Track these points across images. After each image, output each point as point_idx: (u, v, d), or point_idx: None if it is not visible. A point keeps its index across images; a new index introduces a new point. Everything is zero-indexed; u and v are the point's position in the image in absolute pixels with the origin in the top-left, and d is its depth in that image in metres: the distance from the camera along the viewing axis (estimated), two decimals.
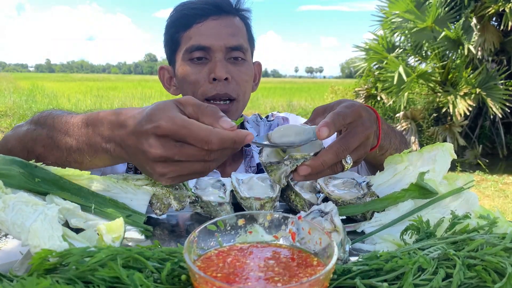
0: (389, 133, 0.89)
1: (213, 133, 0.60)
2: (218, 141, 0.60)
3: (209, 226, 0.50)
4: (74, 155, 0.76)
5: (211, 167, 0.65)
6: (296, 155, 0.68)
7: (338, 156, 0.68)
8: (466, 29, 6.87)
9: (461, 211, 0.69)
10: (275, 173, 0.70)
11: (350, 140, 0.69)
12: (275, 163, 0.69)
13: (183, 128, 0.60)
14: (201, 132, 0.60)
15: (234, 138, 0.61)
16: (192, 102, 0.65)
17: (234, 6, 1.19)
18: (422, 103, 7.89)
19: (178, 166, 0.63)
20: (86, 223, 0.68)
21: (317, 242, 0.50)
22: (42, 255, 0.46)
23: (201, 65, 1.13)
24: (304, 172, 0.67)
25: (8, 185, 0.65)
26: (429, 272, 0.48)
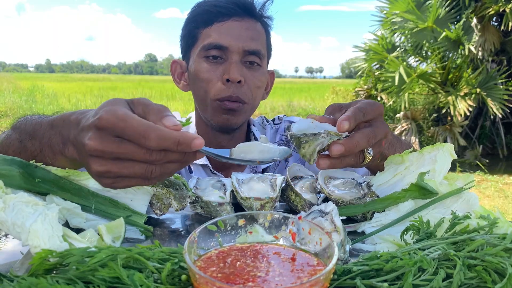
0: (394, 143, 0.88)
1: (152, 128, 0.54)
2: (157, 137, 0.54)
3: (210, 226, 0.50)
4: (38, 158, 0.74)
5: (153, 172, 0.57)
6: (331, 132, 0.66)
7: (369, 141, 0.69)
8: (467, 29, 6.87)
9: (462, 212, 0.69)
10: (310, 145, 0.66)
11: (376, 130, 0.71)
12: (311, 135, 0.66)
13: (122, 121, 0.54)
14: (139, 127, 0.54)
15: (178, 138, 0.55)
16: (143, 102, 0.61)
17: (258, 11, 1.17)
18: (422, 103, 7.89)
19: (115, 166, 0.57)
20: (86, 223, 0.68)
21: (317, 242, 0.50)
22: (43, 255, 0.46)
23: (216, 64, 1.11)
24: (337, 151, 0.65)
25: (8, 185, 0.65)
26: (430, 272, 0.48)
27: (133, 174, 0.57)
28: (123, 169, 0.57)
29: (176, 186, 0.78)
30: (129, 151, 0.56)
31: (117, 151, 0.56)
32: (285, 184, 0.86)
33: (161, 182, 0.78)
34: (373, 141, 0.70)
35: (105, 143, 0.56)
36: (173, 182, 0.79)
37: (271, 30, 1.24)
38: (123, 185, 0.60)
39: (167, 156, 0.57)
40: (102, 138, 0.56)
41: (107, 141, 0.56)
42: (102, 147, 0.56)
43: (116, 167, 0.57)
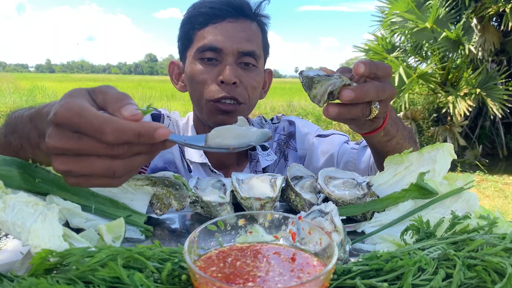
0: (397, 122, 0.90)
1: (107, 121, 0.50)
2: (113, 131, 0.49)
3: (210, 226, 0.50)
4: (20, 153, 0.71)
5: (116, 169, 0.53)
6: (344, 77, 0.68)
7: (378, 93, 0.70)
8: (466, 29, 6.87)
9: (461, 211, 0.69)
10: (321, 85, 0.67)
11: (385, 85, 0.72)
12: (324, 76, 0.67)
13: (77, 115, 0.50)
14: (94, 120, 0.50)
15: (138, 130, 0.50)
16: (104, 90, 0.56)
17: (253, 11, 1.17)
18: (422, 103, 7.89)
19: (77, 164, 0.52)
20: (86, 223, 0.68)
21: (317, 242, 0.50)
22: (43, 255, 0.46)
23: (210, 66, 1.11)
24: (347, 97, 0.67)
25: (8, 185, 0.65)
26: (429, 272, 0.48)
27: (94, 173, 0.53)
28: (84, 168, 0.52)
29: (176, 186, 0.78)
30: (89, 147, 0.51)
31: (76, 148, 0.51)
32: (285, 184, 0.86)
33: (161, 182, 0.78)
34: (382, 95, 0.72)
35: (63, 140, 0.51)
36: (173, 182, 0.79)
37: (269, 29, 1.24)
38: (89, 184, 0.56)
39: (132, 149, 0.52)
40: (61, 135, 0.52)
41: (65, 138, 0.51)
42: (60, 144, 0.51)
43: (77, 165, 0.52)
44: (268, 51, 1.26)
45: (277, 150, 1.32)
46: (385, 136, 0.88)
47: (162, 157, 1.21)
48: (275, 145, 1.32)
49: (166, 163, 1.20)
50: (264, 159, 1.26)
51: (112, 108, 0.53)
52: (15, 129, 0.72)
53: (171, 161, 1.21)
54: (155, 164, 1.20)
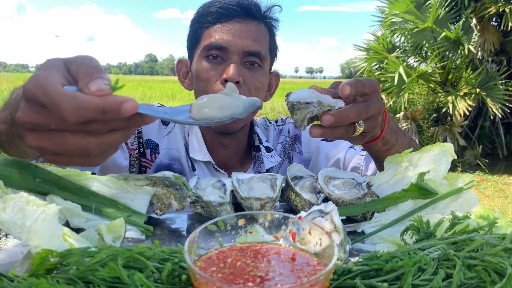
0: (397, 131, 0.91)
1: (68, 97, 0.46)
2: (74, 108, 0.46)
3: (210, 226, 0.50)
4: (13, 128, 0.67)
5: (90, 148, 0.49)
6: (323, 102, 0.71)
7: (359, 115, 0.73)
8: (466, 29, 6.87)
9: (461, 211, 0.69)
10: (301, 112, 0.71)
11: (370, 105, 0.75)
12: (304, 103, 0.71)
13: (41, 90, 0.47)
14: (55, 96, 0.46)
15: (102, 106, 0.46)
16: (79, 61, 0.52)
17: (262, 13, 1.17)
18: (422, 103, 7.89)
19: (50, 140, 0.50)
20: (86, 223, 0.68)
21: (317, 242, 0.50)
22: (43, 255, 0.46)
23: (215, 64, 1.12)
24: (327, 122, 0.70)
25: (8, 185, 0.65)
26: (429, 272, 0.48)
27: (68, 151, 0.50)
28: (56, 146, 0.50)
29: (176, 186, 0.78)
30: (58, 123, 0.48)
31: (45, 123, 0.49)
32: (285, 184, 0.86)
33: (161, 182, 0.78)
34: (364, 116, 0.74)
35: (32, 114, 0.49)
36: (174, 182, 0.79)
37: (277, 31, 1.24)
38: (66, 162, 0.53)
39: (105, 126, 0.49)
40: (30, 109, 0.49)
41: (33, 112, 0.49)
42: (29, 119, 0.49)
43: (49, 142, 0.50)
44: (275, 53, 1.26)
45: (282, 152, 1.31)
46: (384, 145, 0.89)
47: (168, 154, 1.21)
48: (280, 147, 1.32)
49: (171, 160, 1.21)
50: (268, 160, 1.26)
51: (81, 83, 0.50)
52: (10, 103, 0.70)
53: (176, 158, 1.21)
54: (160, 161, 1.20)
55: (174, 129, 1.23)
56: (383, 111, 0.81)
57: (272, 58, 1.24)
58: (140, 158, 1.21)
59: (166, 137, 1.22)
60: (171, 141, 1.22)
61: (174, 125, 1.24)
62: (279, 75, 1.33)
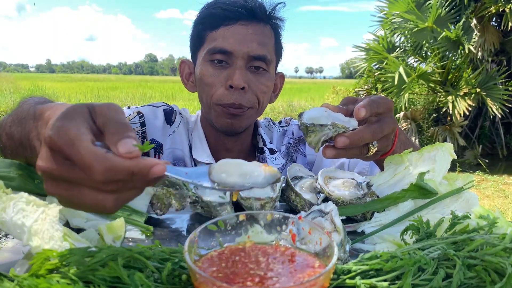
0: (406, 143, 0.91)
1: (99, 158, 0.45)
2: (104, 170, 0.45)
3: (210, 226, 0.51)
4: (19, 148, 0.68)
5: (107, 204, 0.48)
6: (338, 124, 0.71)
7: (374, 136, 0.73)
8: (466, 29, 6.87)
9: (461, 211, 0.69)
10: (315, 134, 0.71)
11: (383, 125, 0.74)
12: (318, 125, 0.71)
13: (70, 145, 0.46)
14: (85, 156, 0.46)
15: (132, 169, 0.46)
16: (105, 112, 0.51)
17: (268, 14, 1.14)
18: (422, 103, 7.89)
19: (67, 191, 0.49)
20: (86, 223, 0.68)
21: (317, 242, 0.50)
22: (43, 255, 0.46)
23: (220, 69, 1.10)
24: (342, 143, 0.69)
25: (8, 187, 0.65)
26: (429, 272, 0.48)
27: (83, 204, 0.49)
28: (74, 197, 0.49)
29: (177, 186, 0.78)
30: (79, 178, 0.47)
31: (67, 176, 0.48)
32: (285, 184, 0.86)
33: (161, 182, 0.78)
34: (379, 136, 0.74)
35: (55, 165, 0.48)
36: (174, 182, 0.79)
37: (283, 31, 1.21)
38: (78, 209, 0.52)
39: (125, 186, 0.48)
40: (52, 159, 0.48)
41: (56, 163, 0.48)
42: (51, 169, 0.48)
43: (67, 193, 0.49)
44: (281, 54, 1.24)
45: (285, 154, 1.31)
46: None
47: (172, 154, 1.21)
48: (284, 149, 1.31)
49: (175, 160, 1.20)
50: (272, 162, 1.25)
51: (109, 140, 0.49)
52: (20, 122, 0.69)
53: (180, 158, 1.21)
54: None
55: (178, 129, 1.23)
56: (396, 130, 0.80)
57: (277, 60, 1.22)
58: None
59: (170, 137, 1.21)
60: (175, 141, 1.21)
61: (178, 124, 1.23)
62: (284, 76, 1.32)
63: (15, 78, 32.53)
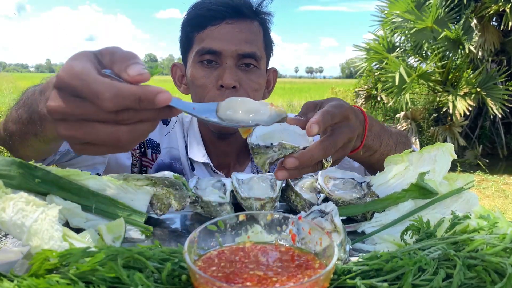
0: (381, 134, 0.88)
1: (107, 85, 0.47)
2: (112, 96, 0.46)
3: (210, 226, 0.50)
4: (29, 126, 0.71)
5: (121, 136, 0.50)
6: (285, 144, 0.65)
7: (326, 153, 0.67)
8: (466, 29, 6.86)
9: (461, 211, 0.69)
10: (261, 157, 0.66)
11: (338, 138, 0.70)
12: (263, 147, 0.66)
13: (77, 78, 0.48)
14: (93, 84, 0.47)
15: (139, 94, 0.47)
16: (111, 50, 0.53)
17: (254, 10, 1.14)
18: (422, 103, 7.88)
19: (80, 129, 0.50)
20: (86, 223, 0.68)
21: (317, 242, 0.50)
22: (43, 255, 0.46)
23: (210, 69, 1.10)
24: (291, 165, 0.64)
25: (8, 185, 0.65)
26: (430, 272, 0.48)
27: (98, 140, 0.50)
28: (87, 135, 0.50)
29: (176, 186, 0.78)
30: (90, 112, 0.48)
31: (77, 112, 0.49)
32: (285, 184, 0.86)
33: (161, 182, 0.78)
34: (332, 151, 0.68)
35: (64, 103, 0.49)
36: (173, 182, 0.79)
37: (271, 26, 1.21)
38: (96, 151, 0.53)
39: (136, 115, 0.50)
40: (61, 98, 0.49)
41: (66, 101, 0.49)
42: (61, 108, 0.49)
43: (80, 131, 0.50)
44: (271, 49, 1.23)
45: None
46: (366, 152, 0.86)
47: (169, 153, 1.21)
48: None
49: (172, 159, 1.21)
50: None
51: (118, 68, 0.50)
52: (26, 102, 0.72)
53: (176, 158, 1.21)
54: (162, 160, 1.20)
55: (174, 129, 1.23)
56: (354, 139, 0.75)
57: (268, 55, 1.21)
58: (142, 157, 1.21)
59: (166, 137, 1.22)
60: (171, 141, 1.22)
61: (174, 124, 1.23)
62: (277, 71, 1.31)
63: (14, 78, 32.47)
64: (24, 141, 0.76)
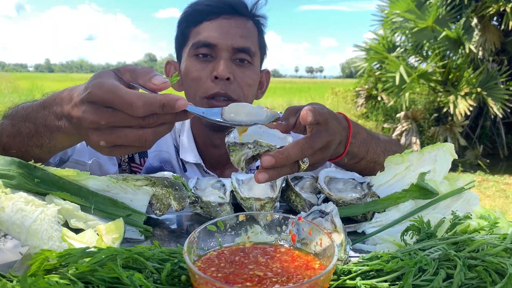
0: (367, 142, 0.88)
1: (137, 95, 0.58)
2: (143, 104, 0.58)
3: (209, 227, 0.50)
4: (33, 139, 0.76)
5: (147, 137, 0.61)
6: (261, 142, 0.67)
7: (303, 153, 0.68)
8: (467, 29, 6.86)
9: (462, 212, 0.69)
10: (236, 154, 0.69)
11: (316, 140, 0.71)
12: (239, 144, 0.68)
13: (110, 93, 0.58)
14: (125, 96, 0.58)
15: (162, 101, 0.58)
16: (129, 68, 0.65)
17: (250, 10, 1.17)
18: (422, 103, 7.88)
19: (111, 135, 0.61)
20: (85, 224, 0.68)
21: (317, 242, 0.49)
22: (42, 256, 0.46)
23: (205, 62, 1.12)
24: (267, 163, 0.65)
25: (7, 185, 0.65)
26: (430, 272, 0.48)
27: (127, 141, 0.61)
28: (118, 139, 0.61)
29: (176, 187, 0.78)
30: (122, 119, 0.59)
31: (112, 120, 0.59)
32: (285, 185, 0.86)
33: (161, 182, 0.78)
34: (309, 152, 0.69)
35: (99, 114, 0.59)
36: (173, 182, 0.79)
37: (266, 29, 1.23)
38: (121, 152, 0.64)
39: (159, 119, 0.61)
40: (95, 110, 0.60)
41: (100, 113, 0.59)
42: (97, 119, 0.59)
43: (111, 137, 0.60)
44: (265, 51, 1.26)
45: None
46: (352, 159, 0.87)
47: (158, 156, 1.21)
48: None
49: (162, 162, 1.20)
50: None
51: (143, 80, 0.62)
52: (27, 118, 0.77)
53: (167, 161, 1.21)
54: (150, 164, 1.19)
55: None
56: (334, 143, 0.75)
57: (262, 56, 1.23)
58: (130, 163, 1.21)
59: None
60: (160, 144, 1.22)
61: None
62: (270, 73, 1.33)
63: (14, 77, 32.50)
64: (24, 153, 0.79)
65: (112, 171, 1.15)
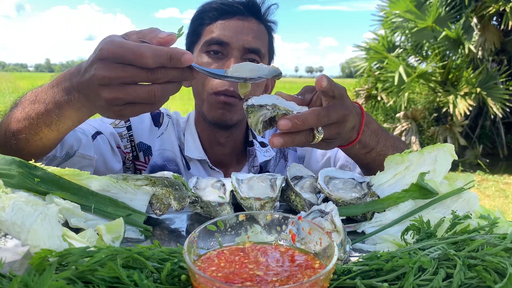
0: (378, 133, 0.90)
1: (146, 46, 0.62)
2: (152, 53, 0.61)
3: (209, 226, 0.50)
4: (42, 118, 0.78)
5: (156, 92, 0.64)
6: (279, 106, 0.69)
7: (319, 120, 0.70)
8: (467, 28, 6.86)
9: (462, 211, 0.69)
10: (254, 115, 0.70)
11: (331, 110, 0.72)
12: (257, 106, 0.70)
13: (120, 47, 0.62)
14: (135, 47, 0.61)
15: (169, 53, 0.62)
16: (134, 31, 0.68)
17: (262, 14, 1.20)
18: (422, 103, 7.88)
19: (122, 92, 0.64)
20: (86, 223, 0.68)
21: (317, 242, 0.49)
22: (42, 255, 0.46)
23: (216, 59, 1.13)
24: (284, 126, 0.67)
25: (7, 185, 0.65)
26: (430, 272, 0.48)
27: (138, 98, 0.64)
28: (128, 95, 0.64)
29: (176, 186, 0.78)
30: (133, 73, 0.62)
31: (122, 75, 0.62)
32: (285, 184, 0.86)
33: (161, 182, 0.78)
34: (325, 121, 0.71)
35: (111, 69, 0.62)
36: (173, 182, 0.79)
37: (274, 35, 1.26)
38: (131, 112, 0.67)
39: (167, 74, 0.64)
40: (107, 66, 0.63)
41: (112, 68, 0.62)
42: (109, 73, 0.62)
43: (122, 93, 0.63)
44: (272, 56, 1.28)
45: (277, 149, 1.32)
46: (363, 148, 0.88)
47: (162, 155, 1.21)
48: None
49: (165, 161, 1.21)
50: (262, 154, 1.26)
51: (149, 37, 0.65)
52: (35, 100, 0.79)
53: (170, 159, 1.21)
54: (154, 162, 1.20)
55: (167, 130, 1.24)
56: (349, 118, 0.76)
57: (269, 59, 1.26)
58: (135, 161, 1.21)
59: (159, 139, 1.22)
60: (164, 142, 1.22)
61: (166, 126, 1.24)
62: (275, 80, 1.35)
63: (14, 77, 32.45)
64: (33, 136, 0.81)
65: (117, 168, 1.15)
